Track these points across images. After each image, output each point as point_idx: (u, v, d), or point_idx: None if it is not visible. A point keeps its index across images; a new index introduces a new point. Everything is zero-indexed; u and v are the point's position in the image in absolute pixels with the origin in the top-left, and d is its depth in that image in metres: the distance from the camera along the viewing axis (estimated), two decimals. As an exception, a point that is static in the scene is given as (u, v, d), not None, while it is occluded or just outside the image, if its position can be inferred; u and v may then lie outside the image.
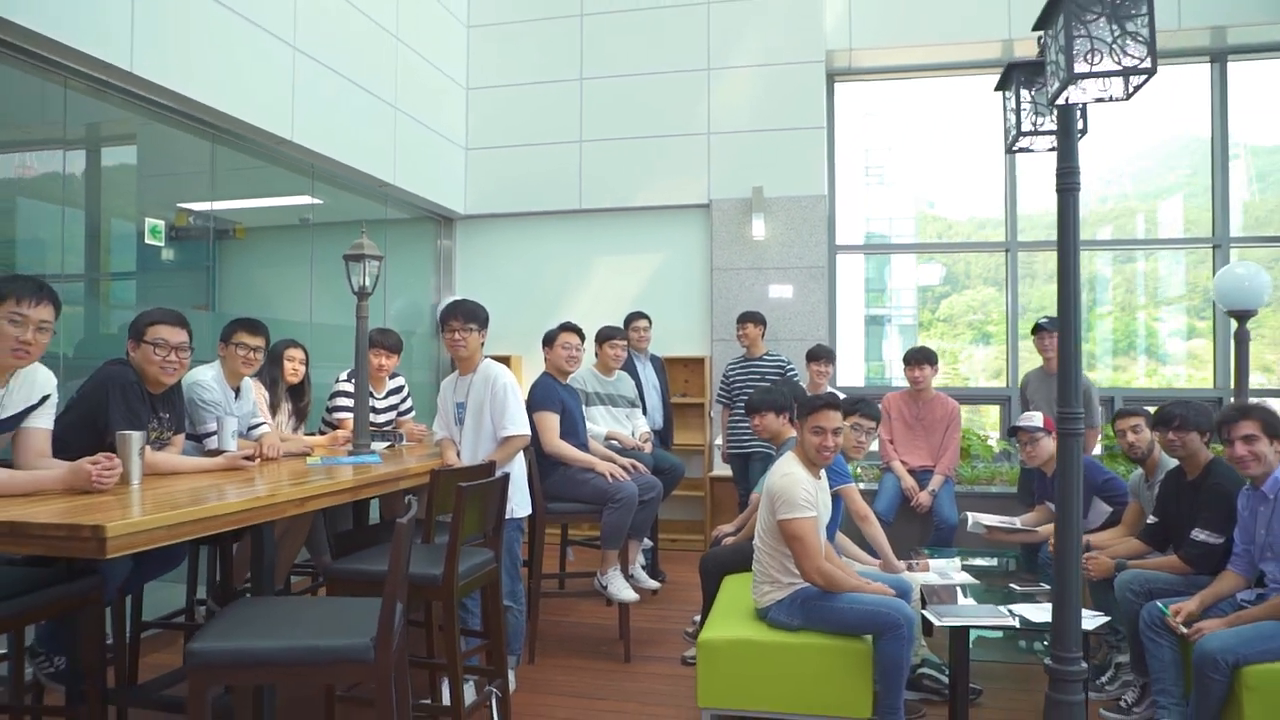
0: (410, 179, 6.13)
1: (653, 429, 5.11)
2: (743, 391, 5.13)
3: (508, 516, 3.21)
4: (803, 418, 3.08)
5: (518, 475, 3.53)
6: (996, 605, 3.16)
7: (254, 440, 3.37)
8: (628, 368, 5.07)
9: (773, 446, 4.01)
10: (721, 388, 5.54)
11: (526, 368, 6.65)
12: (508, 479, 3.13)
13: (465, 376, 3.57)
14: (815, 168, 6.38)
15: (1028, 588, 3.48)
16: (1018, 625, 2.94)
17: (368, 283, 3.42)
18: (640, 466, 4.15)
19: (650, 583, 4.32)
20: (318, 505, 2.70)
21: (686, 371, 6.54)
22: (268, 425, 3.63)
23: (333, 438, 4.05)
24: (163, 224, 4.36)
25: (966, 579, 3.65)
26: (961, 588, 3.49)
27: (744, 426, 4.98)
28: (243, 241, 5.12)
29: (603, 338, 4.75)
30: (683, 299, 6.64)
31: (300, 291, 5.44)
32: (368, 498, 3.43)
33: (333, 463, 3.22)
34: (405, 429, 4.31)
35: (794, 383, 4.87)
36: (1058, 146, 2.29)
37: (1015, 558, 4.19)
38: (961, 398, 5.53)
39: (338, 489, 2.78)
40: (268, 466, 3.10)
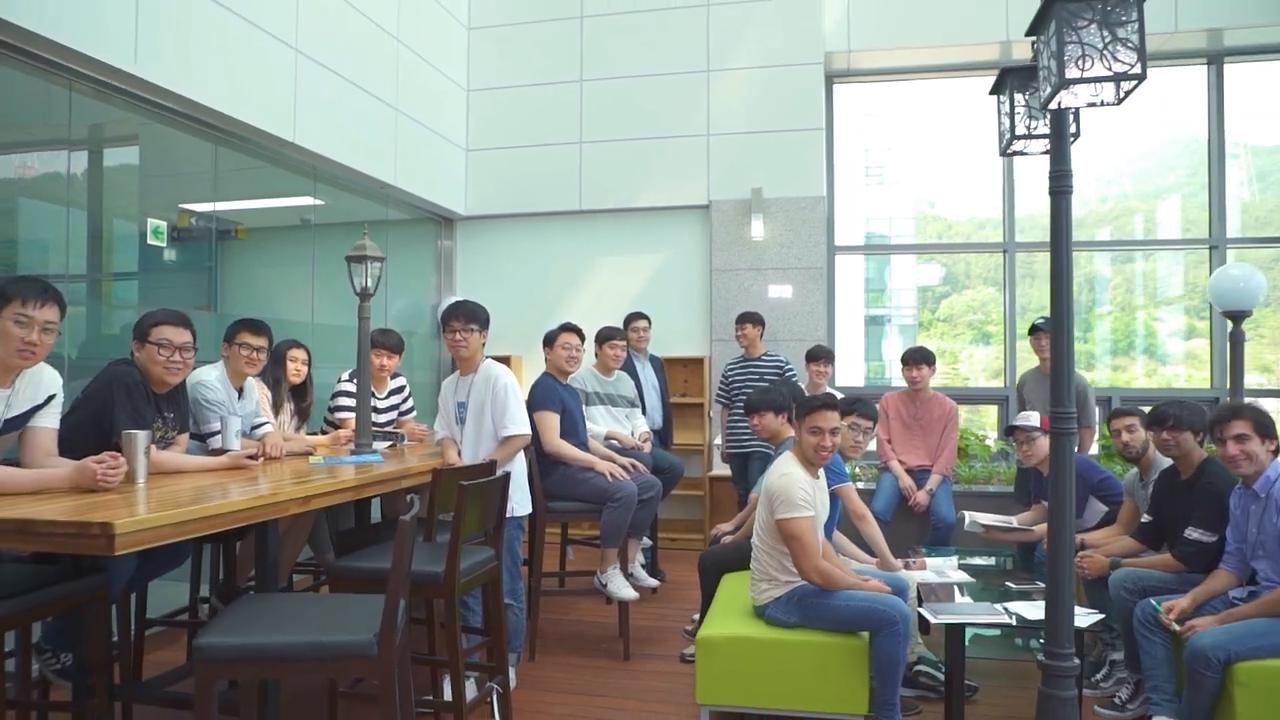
0: (411, 180, 6.17)
1: (652, 429, 5.14)
2: (742, 391, 5.16)
3: (508, 515, 3.23)
4: (800, 418, 3.11)
5: (518, 474, 3.56)
6: (992, 603, 3.20)
7: (257, 440, 3.40)
8: (627, 368, 5.10)
9: (771, 446, 4.04)
10: (720, 388, 5.57)
11: (527, 368, 6.68)
12: (508, 478, 3.16)
13: (466, 376, 3.60)
14: (814, 169, 6.41)
15: (1023, 586, 3.51)
16: (1013, 623, 2.97)
17: (370, 284, 3.45)
18: (640, 466, 4.18)
19: (650, 581, 4.35)
20: (321, 504, 2.73)
21: (686, 371, 6.57)
22: (270, 425, 3.66)
23: (335, 437, 4.08)
24: (165, 225, 4.39)
25: (963, 577, 3.68)
26: (958, 586, 3.52)
27: (743, 426, 5.01)
28: (245, 242, 5.15)
29: (602, 338, 4.79)
30: (682, 299, 6.67)
31: (302, 292, 5.47)
32: (370, 496, 3.46)
33: (335, 462, 3.25)
34: (407, 429, 4.33)
35: (792, 383, 4.90)
36: (1051, 150, 2.33)
37: (1012, 556, 4.22)
38: (960, 398, 5.56)
39: (340, 488, 2.81)
40: (271, 466, 3.13)
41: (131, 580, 2.87)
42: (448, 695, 2.93)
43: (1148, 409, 3.54)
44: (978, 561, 4.11)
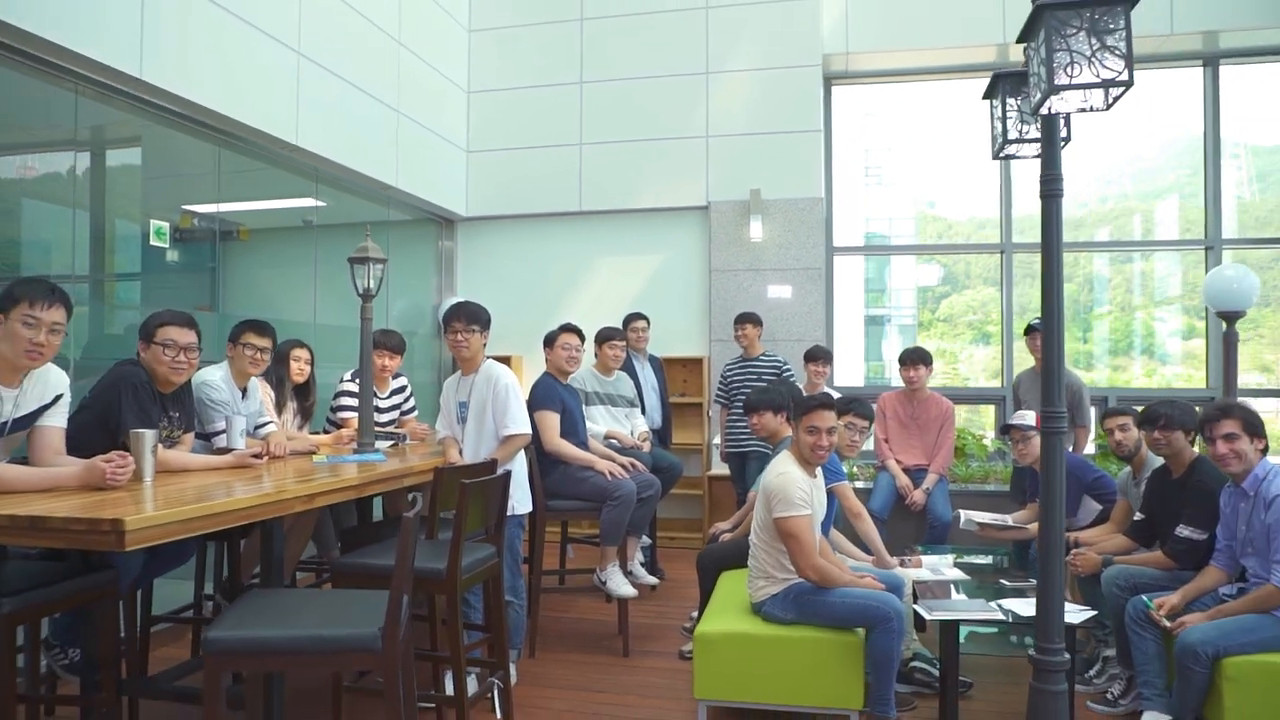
0: (412, 181, 6.21)
1: (651, 428, 5.18)
2: (740, 391, 5.20)
3: (509, 513, 3.28)
4: (798, 417, 3.15)
5: (519, 473, 3.60)
6: (986, 600, 3.24)
7: (261, 439, 3.44)
8: (627, 368, 5.14)
9: (769, 446, 4.08)
10: (719, 388, 5.61)
11: (527, 368, 6.72)
12: (509, 477, 3.21)
13: (468, 377, 3.64)
14: (812, 170, 6.46)
15: (1018, 583, 3.55)
16: (1005, 619, 3.02)
17: (372, 285, 3.49)
18: (639, 465, 4.22)
19: (649, 579, 4.39)
20: (325, 501, 2.77)
21: (685, 371, 6.61)
22: (274, 424, 3.70)
23: (337, 436, 4.12)
24: (167, 226, 4.42)
25: (958, 575, 3.73)
26: (953, 583, 3.56)
27: (741, 426, 5.05)
28: (247, 243, 5.18)
29: (602, 338, 4.83)
30: (681, 300, 6.71)
31: (304, 293, 5.51)
32: (372, 495, 3.50)
33: (338, 461, 3.29)
34: (408, 428, 4.37)
35: (791, 383, 4.94)
36: (1042, 154, 2.37)
37: (1008, 555, 4.26)
38: (957, 397, 5.60)
39: (343, 486, 2.85)
40: (275, 464, 3.17)
41: (138, 578, 2.91)
42: (449, 690, 2.98)
43: (1141, 408, 3.58)
44: (974, 560, 4.15)
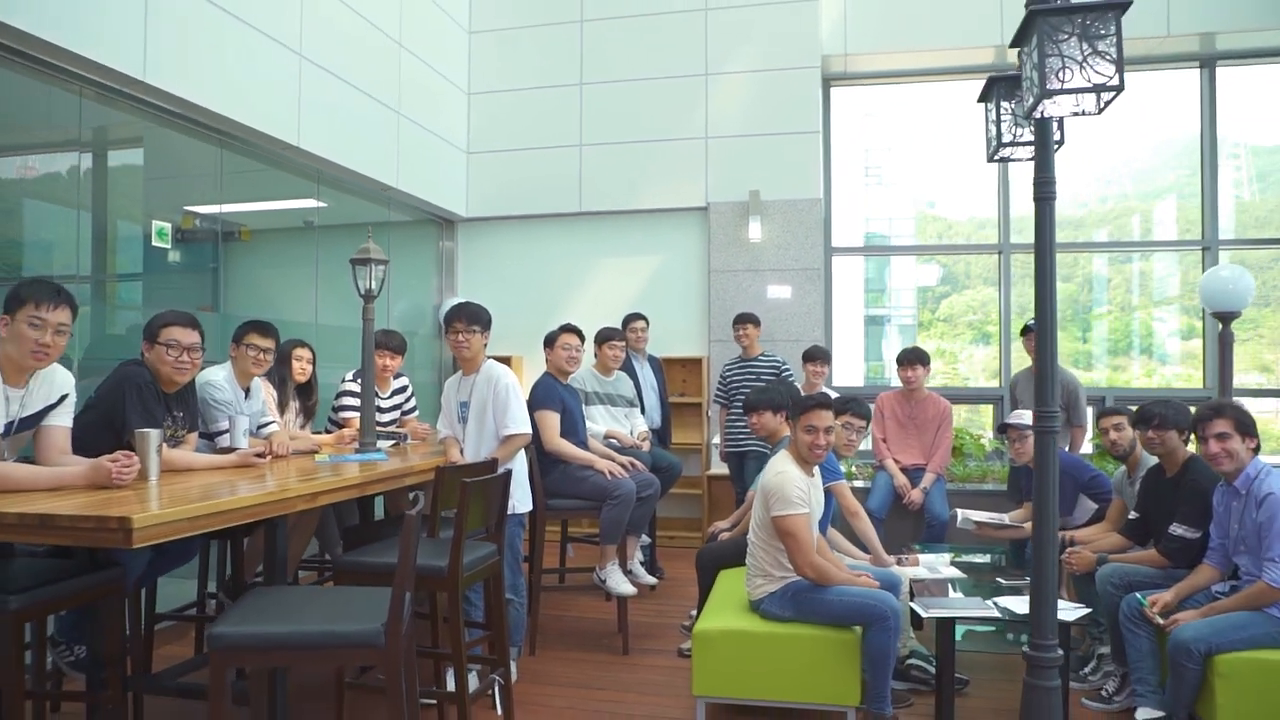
0: (413, 182, 6.24)
1: (651, 428, 5.20)
2: (740, 391, 5.24)
3: (509, 512, 3.31)
4: (795, 417, 3.19)
5: (519, 472, 3.63)
6: (983, 598, 3.27)
7: (264, 439, 3.48)
8: (626, 368, 5.17)
9: (768, 445, 4.11)
10: (719, 388, 5.64)
11: (528, 368, 6.75)
12: (509, 476, 3.24)
13: (468, 377, 3.67)
14: (811, 171, 6.49)
15: (1014, 581, 3.58)
16: (1000, 616, 3.05)
17: (374, 286, 3.52)
18: (638, 464, 4.25)
19: (648, 578, 4.42)
20: (328, 500, 2.80)
21: (685, 371, 6.64)
22: (276, 424, 3.73)
23: (339, 436, 4.14)
24: (169, 226, 4.45)
25: (955, 573, 3.76)
26: (950, 582, 3.60)
27: (740, 426, 5.08)
28: (248, 243, 5.21)
29: (602, 339, 4.86)
30: (681, 300, 6.75)
31: (305, 293, 5.54)
32: (374, 494, 3.53)
33: (340, 460, 3.33)
34: (409, 428, 4.40)
35: (790, 383, 4.97)
36: (1035, 157, 2.40)
37: (1005, 553, 4.29)
38: (955, 397, 5.63)
39: (346, 485, 2.88)
40: (278, 464, 3.20)
41: (142, 576, 2.94)
42: (451, 687, 3.01)
43: (1135, 408, 3.61)
44: (971, 558, 4.19)
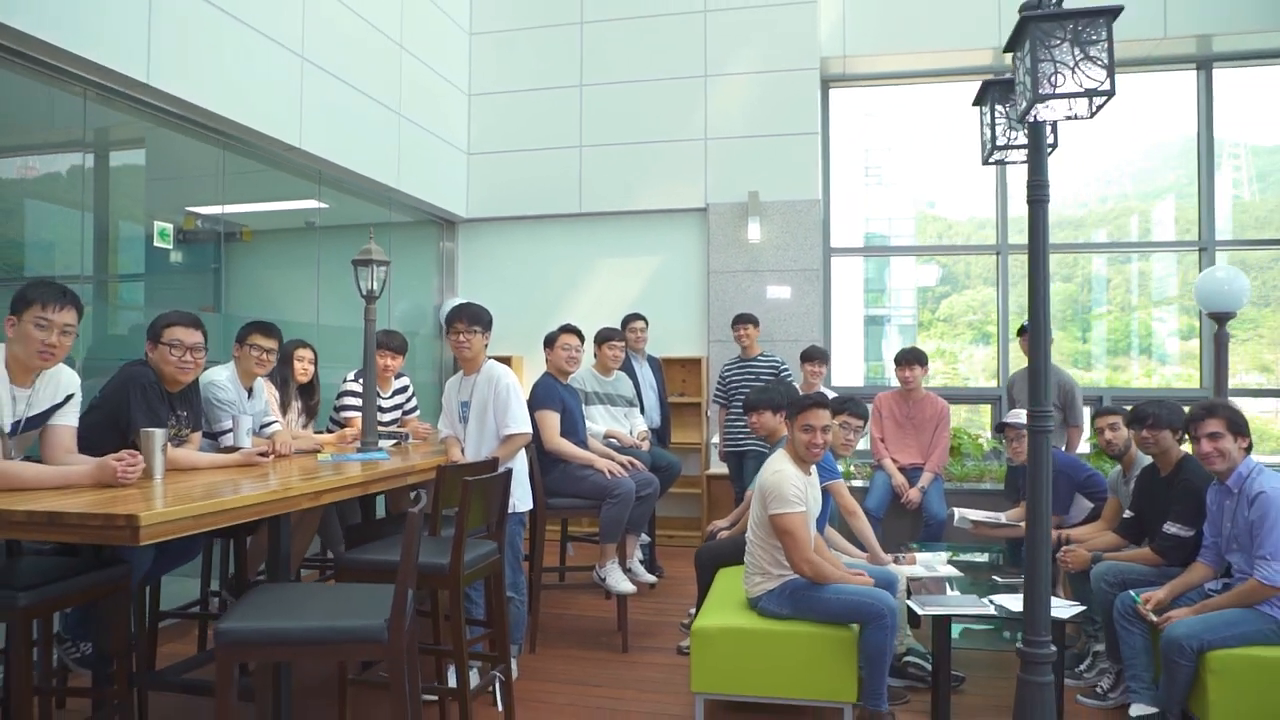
0: (413, 183, 6.27)
1: (650, 428, 5.23)
2: (739, 391, 5.27)
3: (510, 511, 3.34)
4: (793, 416, 3.22)
5: (519, 471, 3.66)
6: (979, 596, 3.31)
7: (267, 438, 3.51)
8: (626, 368, 5.20)
9: (767, 445, 4.14)
10: (718, 387, 5.67)
11: (528, 368, 6.79)
12: (510, 475, 3.27)
13: (469, 377, 3.70)
14: (810, 172, 6.52)
15: (1010, 580, 3.62)
16: (995, 614, 3.09)
17: (376, 287, 3.56)
18: (638, 464, 4.28)
19: (647, 576, 4.44)
20: (331, 498, 2.83)
21: (684, 371, 6.67)
22: (279, 424, 3.77)
23: (341, 435, 4.18)
24: (170, 227, 4.48)
25: (952, 572, 3.80)
26: (947, 580, 3.63)
27: (739, 425, 5.11)
28: (250, 244, 5.24)
29: (601, 339, 4.89)
30: (680, 300, 6.78)
31: (306, 293, 5.57)
32: (376, 493, 3.56)
33: (342, 459, 3.36)
34: (410, 427, 4.44)
35: (789, 383, 5.00)
36: (1029, 161, 2.43)
37: (1002, 552, 4.32)
38: (954, 397, 5.67)
39: (349, 483, 2.91)
40: (281, 463, 3.23)
41: (147, 574, 2.98)
42: (452, 683, 3.04)
43: (1130, 408, 3.64)
44: (969, 557, 4.22)
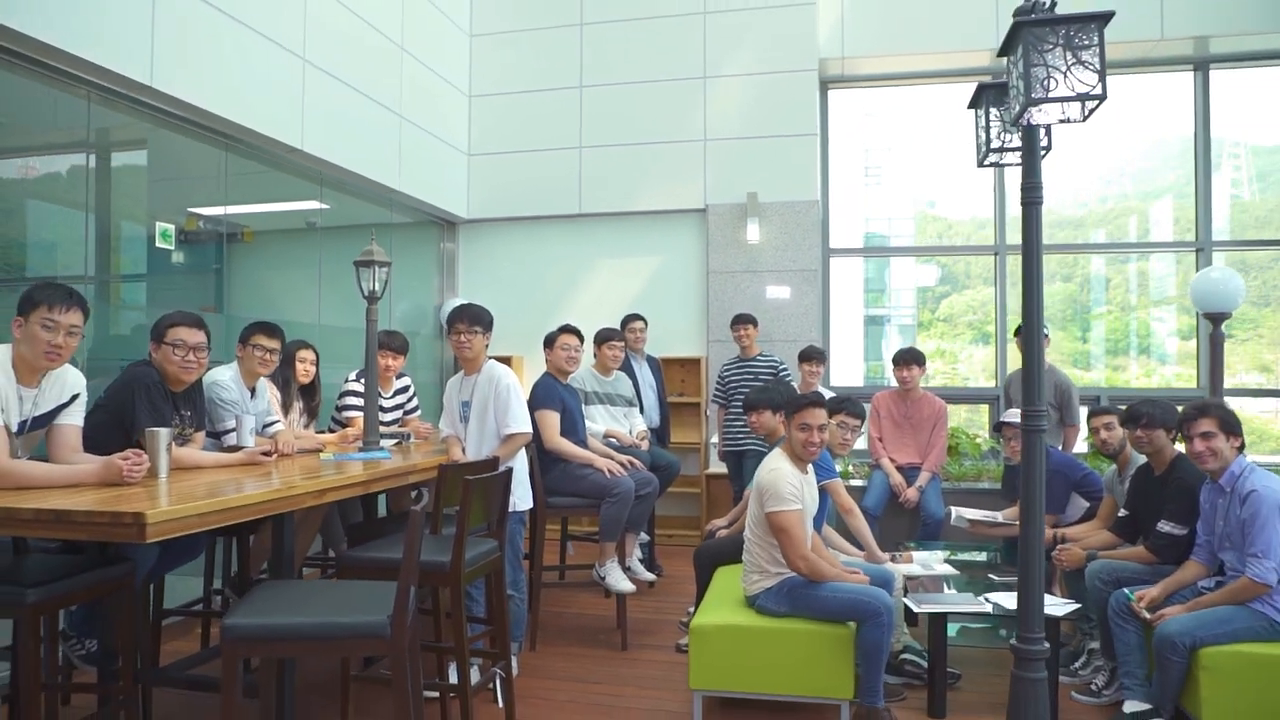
0: (414, 184, 6.30)
1: (649, 427, 5.26)
2: (738, 391, 5.30)
3: (510, 510, 3.37)
4: (790, 415, 3.25)
5: (520, 471, 3.69)
6: (975, 594, 3.34)
7: (269, 438, 3.54)
8: (625, 368, 5.23)
9: (765, 444, 4.17)
10: (717, 387, 5.71)
11: (528, 368, 6.82)
12: (510, 474, 3.30)
13: (470, 377, 3.73)
14: (809, 173, 6.55)
15: (1006, 578, 3.65)
16: (990, 611, 3.12)
17: (377, 287, 3.59)
18: (637, 463, 4.31)
19: (646, 575, 4.48)
20: (334, 497, 2.87)
21: (683, 371, 6.70)
22: (281, 424, 3.80)
23: (343, 435, 4.20)
24: (172, 228, 4.51)
25: (948, 570, 3.83)
26: (944, 579, 3.67)
27: (738, 425, 5.14)
28: (251, 245, 5.27)
29: (601, 339, 4.92)
30: (680, 301, 6.81)
31: (308, 294, 5.60)
32: (378, 492, 3.59)
33: (344, 459, 3.39)
34: (411, 427, 4.47)
35: (788, 383, 5.03)
36: (1023, 163, 2.47)
37: (999, 551, 4.36)
38: (952, 397, 5.69)
39: (351, 482, 2.94)
40: (283, 462, 3.26)
41: (151, 571, 3.01)
42: (454, 679, 3.07)
43: (1124, 408, 3.67)
44: (966, 556, 4.25)
